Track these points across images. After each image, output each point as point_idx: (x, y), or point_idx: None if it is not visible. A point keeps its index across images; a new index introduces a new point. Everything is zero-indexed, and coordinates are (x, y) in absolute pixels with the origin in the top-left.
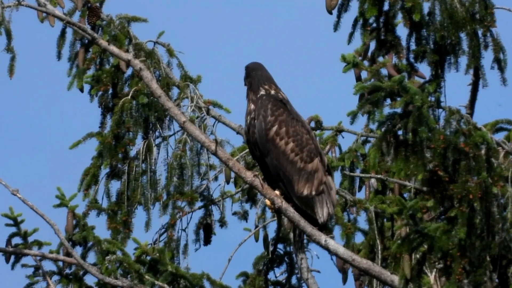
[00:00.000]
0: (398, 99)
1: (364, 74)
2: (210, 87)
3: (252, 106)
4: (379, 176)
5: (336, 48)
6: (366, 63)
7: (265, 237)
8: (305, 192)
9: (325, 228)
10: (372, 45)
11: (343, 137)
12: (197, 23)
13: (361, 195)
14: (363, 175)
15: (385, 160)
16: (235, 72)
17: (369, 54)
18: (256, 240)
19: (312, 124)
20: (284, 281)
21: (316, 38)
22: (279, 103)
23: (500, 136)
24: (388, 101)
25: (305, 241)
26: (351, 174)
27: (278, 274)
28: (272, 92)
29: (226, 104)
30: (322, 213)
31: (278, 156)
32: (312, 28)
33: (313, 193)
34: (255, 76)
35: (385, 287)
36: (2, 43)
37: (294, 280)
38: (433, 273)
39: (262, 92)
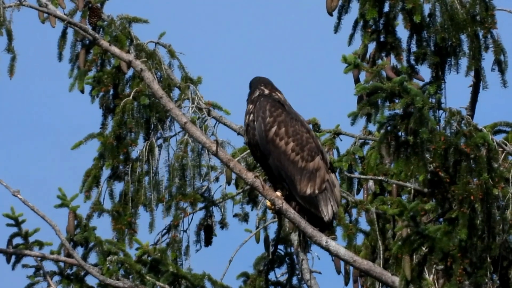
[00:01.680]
0: (397, 100)
1: (362, 76)
2: (211, 88)
3: (250, 106)
4: (379, 177)
5: (336, 49)
6: (365, 64)
7: (266, 238)
8: (308, 191)
9: (331, 226)
10: (371, 46)
11: (341, 140)
12: (198, 24)
13: (359, 198)
14: (362, 176)
15: (383, 163)
16: (235, 73)
17: (368, 56)
18: (257, 241)
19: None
20: (284, 281)
21: (317, 39)
22: (277, 104)
23: (499, 138)
24: (387, 103)
25: (309, 241)
26: (351, 175)
27: (278, 274)
28: (266, 92)
29: (227, 106)
30: (326, 211)
31: (279, 157)
32: (312, 30)
33: (316, 191)
34: (255, 82)
35: None
36: (3, 43)
37: (295, 281)
38: (432, 275)
39: (258, 92)
